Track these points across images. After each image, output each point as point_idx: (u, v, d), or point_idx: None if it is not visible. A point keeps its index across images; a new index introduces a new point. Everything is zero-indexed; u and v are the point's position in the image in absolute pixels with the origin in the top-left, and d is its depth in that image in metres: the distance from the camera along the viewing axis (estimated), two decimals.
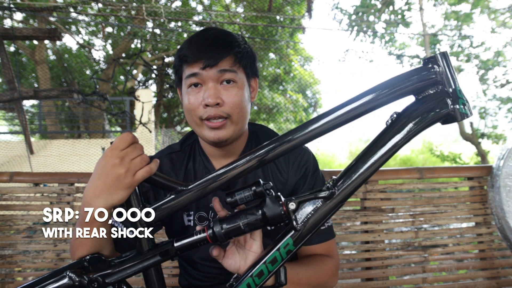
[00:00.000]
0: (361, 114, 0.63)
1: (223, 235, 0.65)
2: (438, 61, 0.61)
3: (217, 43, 0.83)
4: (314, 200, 0.65)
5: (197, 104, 0.83)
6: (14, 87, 4.25)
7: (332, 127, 0.64)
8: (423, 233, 1.50)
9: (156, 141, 9.12)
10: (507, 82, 7.84)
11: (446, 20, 8.42)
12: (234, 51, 0.83)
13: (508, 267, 1.52)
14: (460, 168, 1.69)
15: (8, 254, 1.38)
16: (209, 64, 0.81)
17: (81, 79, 10.74)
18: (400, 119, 0.62)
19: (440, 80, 0.61)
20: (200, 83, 0.83)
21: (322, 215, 0.64)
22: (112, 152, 0.64)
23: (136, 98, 4.48)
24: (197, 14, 10.20)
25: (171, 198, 0.67)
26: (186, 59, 0.83)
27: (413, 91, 0.62)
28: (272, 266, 0.65)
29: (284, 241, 0.65)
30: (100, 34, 10.22)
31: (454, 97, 0.61)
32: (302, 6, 8.31)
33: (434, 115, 0.61)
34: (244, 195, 0.65)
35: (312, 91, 11.11)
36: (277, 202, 0.65)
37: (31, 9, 5.89)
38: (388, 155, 0.62)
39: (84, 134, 9.59)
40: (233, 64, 0.83)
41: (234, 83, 0.84)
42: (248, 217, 0.65)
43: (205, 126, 0.84)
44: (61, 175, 1.43)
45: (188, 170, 0.95)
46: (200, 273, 0.97)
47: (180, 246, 0.67)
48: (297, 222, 0.64)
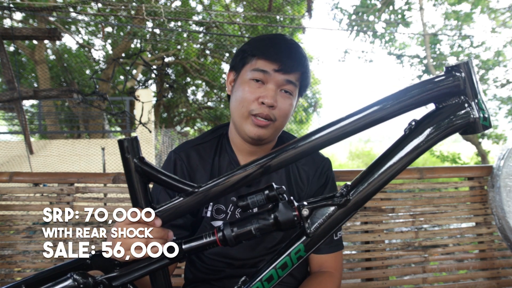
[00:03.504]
0: (381, 120, 0.61)
1: (233, 239, 0.64)
2: (462, 70, 0.59)
3: (295, 54, 0.87)
4: (328, 206, 0.64)
5: (253, 98, 0.86)
6: (14, 87, 4.24)
7: (350, 133, 0.62)
8: (423, 233, 1.50)
9: (156, 141, 9.12)
10: (507, 82, 7.84)
11: (446, 19, 8.42)
12: (304, 69, 0.88)
13: (508, 267, 1.51)
14: (460, 168, 1.69)
15: (7, 254, 1.37)
16: (282, 69, 0.84)
17: (81, 79, 10.73)
18: (419, 128, 0.61)
19: (463, 89, 0.59)
20: (263, 80, 0.86)
21: (335, 222, 0.64)
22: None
23: (136, 98, 4.48)
24: (197, 14, 10.19)
25: (179, 200, 0.65)
26: (265, 53, 0.85)
27: (434, 99, 0.61)
28: (282, 272, 0.64)
29: (296, 247, 0.64)
30: (99, 34, 10.22)
31: (476, 108, 0.59)
32: (302, 6, 8.31)
33: (454, 125, 0.60)
34: (257, 199, 0.64)
35: (312, 91, 11.11)
36: (290, 207, 0.64)
37: (31, 9, 5.89)
38: (404, 164, 0.61)
39: (84, 134, 9.59)
40: (298, 79, 0.88)
41: (290, 95, 0.88)
42: (259, 222, 0.64)
43: (250, 120, 0.86)
44: (61, 175, 1.43)
45: (215, 164, 0.97)
46: (206, 266, 0.97)
47: (189, 249, 0.66)
48: (310, 228, 0.63)
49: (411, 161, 0.61)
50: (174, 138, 9.96)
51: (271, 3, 7.26)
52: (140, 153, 0.66)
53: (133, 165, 0.65)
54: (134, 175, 0.65)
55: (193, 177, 0.95)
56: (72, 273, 0.66)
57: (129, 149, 0.65)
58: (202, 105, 11.34)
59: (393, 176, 0.62)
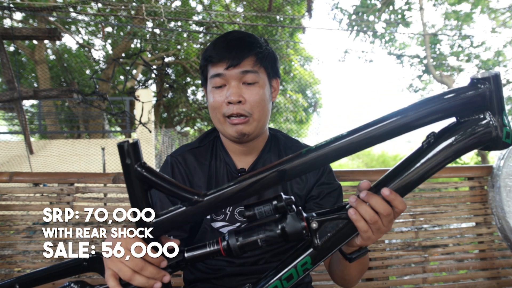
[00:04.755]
0: (399, 133, 0.57)
1: (238, 249, 0.62)
2: (488, 83, 0.55)
3: (239, 43, 0.87)
4: (337, 220, 0.62)
5: (221, 102, 0.88)
6: (14, 87, 4.24)
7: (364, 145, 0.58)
8: (423, 233, 1.50)
9: (156, 141, 9.12)
10: (507, 82, 7.84)
11: (446, 19, 8.42)
12: (255, 52, 0.88)
13: (508, 267, 1.51)
14: (460, 168, 1.69)
15: (7, 254, 1.37)
16: (232, 64, 0.85)
17: (81, 79, 10.73)
18: (438, 142, 0.57)
19: (488, 104, 0.55)
20: (224, 82, 0.88)
21: (344, 236, 0.62)
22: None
23: (136, 98, 4.47)
24: (197, 14, 10.19)
25: (182, 209, 0.62)
26: (211, 59, 0.88)
27: (457, 112, 0.56)
28: (287, 283, 0.63)
29: (302, 259, 0.62)
30: (99, 34, 10.22)
31: (499, 125, 0.56)
32: (302, 6, 8.30)
33: (475, 142, 0.56)
34: (264, 209, 0.61)
35: (312, 91, 11.11)
36: (299, 219, 0.62)
37: (31, 9, 5.89)
38: (419, 180, 0.58)
39: (84, 134, 9.59)
40: (255, 64, 0.88)
41: (256, 83, 0.88)
42: (266, 233, 0.62)
43: (228, 123, 0.88)
44: (61, 175, 1.43)
45: (212, 166, 0.98)
46: (206, 265, 0.97)
47: (191, 257, 0.64)
48: (318, 241, 0.61)
49: (426, 178, 0.58)
50: (174, 138, 9.96)
51: (271, 3, 7.26)
52: (141, 158, 0.61)
53: (134, 171, 0.60)
54: (135, 182, 0.61)
55: (192, 180, 0.96)
56: (70, 282, 0.65)
57: (130, 154, 0.60)
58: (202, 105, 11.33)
59: (404, 193, 0.59)
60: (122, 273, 0.62)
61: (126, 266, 0.62)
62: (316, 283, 1.39)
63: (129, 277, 0.62)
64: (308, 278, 1.03)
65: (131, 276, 0.62)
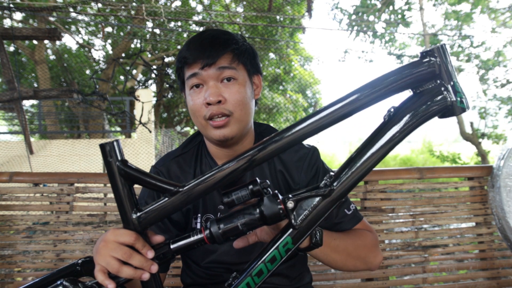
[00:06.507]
0: (358, 109, 0.61)
1: (221, 236, 0.64)
2: (436, 55, 0.59)
3: (214, 41, 0.84)
4: (313, 197, 0.64)
5: (200, 104, 0.84)
6: (14, 87, 4.24)
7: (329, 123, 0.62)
8: (423, 233, 1.50)
9: (156, 141, 9.12)
10: (507, 82, 7.84)
11: (446, 19, 8.42)
12: (231, 48, 0.84)
13: (508, 267, 1.51)
14: (460, 168, 1.69)
15: (7, 254, 1.37)
16: (207, 63, 0.82)
17: (81, 79, 10.73)
18: (398, 114, 0.61)
19: (438, 73, 0.59)
20: (201, 83, 0.84)
21: (321, 213, 0.64)
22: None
23: (136, 98, 4.48)
24: (197, 14, 10.19)
25: (164, 201, 0.65)
26: (185, 60, 0.84)
27: (411, 85, 0.61)
28: (272, 265, 0.64)
29: (283, 240, 0.64)
30: (100, 34, 10.22)
31: (452, 91, 0.60)
32: (302, 6, 8.31)
33: (432, 109, 0.60)
34: (241, 194, 0.64)
35: (312, 91, 11.12)
36: (275, 200, 0.64)
37: (31, 9, 5.89)
38: (386, 150, 0.61)
39: (84, 134, 9.59)
40: (232, 61, 0.84)
41: (234, 80, 0.84)
42: (245, 217, 0.64)
43: (210, 126, 0.84)
44: (61, 175, 1.43)
45: (197, 173, 0.95)
46: (204, 271, 0.97)
47: (177, 248, 0.66)
48: (296, 220, 0.63)
49: (392, 148, 0.61)
50: (174, 138, 9.96)
51: (271, 3, 7.26)
52: (122, 156, 0.65)
53: (116, 168, 0.64)
54: (118, 178, 0.64)
55: None
56: (62, 280, 0.66)
57: (111, 153, 0.64)
58: None
59: (375, 164, 0.62)
60: (110, 266, 0.63)
61: (113, 258, 0.63)
62: (316, 283, 1.39)
63: (117, 269, 0.63)
64: (308, 278, 1.02)
65: (118, 268, 0.63)
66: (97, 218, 1.38)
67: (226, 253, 0.94)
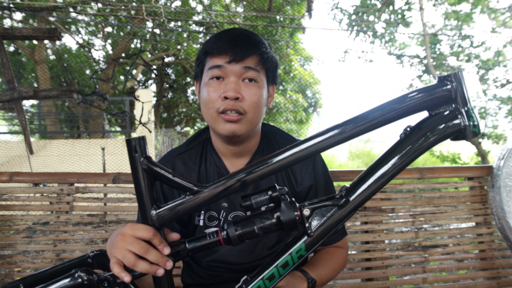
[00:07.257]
0: (376, 127, 0.64)
1: (237, 238, 0.66)
2: (453, 80, 0.63)
3: (247, 40, 0.84)
4: (328, 207, 0.66)
5: (216, 96, 0.83)
6: (14, 87, 4.24)
7: (346, 138, 0.64)
8: (423, 233, 1.50)
9: (156, 141, 9.12)
10: (507, 82, 7.84)
11: (446, 19, 8.42)
12: (260, 51, 0.85)
13: (508, 267, 1.51)
14: (460, 168, 1.69)
15: (7, 254, 1.37)
16: (235, 59, 0.82)
17: (81, 79, 10.74)
18: (414, 133, 0.64)
19: (454, 98, 0.63)
20: (222, 76, 0.84)
21: (335, 222, 0.65)
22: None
23: (136, 98, 4.47)
24: (197, 14, 10.19)
25: (185, 199, 0.66)
26: (212, 51, 0.84)
27: (428, 107, 0.64)
28: (284, 270, 0.66)
29: (297, 246, 0.66)
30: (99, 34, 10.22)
31: (466, 116, 0.62)
32: (302, 6, 8.31)
33: (446, 131, 0.63)
34: (260, 199, 0.65)
35: (312, 91, 11.11)
36: (292, 207, 0.65)
37: (31, 9, 5.89)
38: (401, 167, 0.64)
39: (84, 134, 9.59)
40: (257, 64, 0.85)
41: (255, 82, 0.85)
42: (263, 221, 0.65)
43: (221, 119, 0.84)
44: (61, 175, 1.43)
45: (201, 170, 0.96)
46: (205, 271, 0.97)
47: (192, 248, 0.68)
48: (311, 228, 0.65)
49: (407, 164, 0.64)
50: (174, 138, 9.96)
51: (271, 3, 7.26)
52: (147, 152, 0.67)
53: (140, 163, 0.65)
54: (140, 174, 0.66)
55: None
56: (76, 269, 0.67)
57: (136, 148, 0.66)
58: None
59: (390, 178, 0.65)
60: (126, 259, 0.63)
61: (130, 252, 0.63)
62: None
63: (133, 263, 0.63)
64: None
65: (135, 262, 0.63)
66: (97, 218, 1.38)
67: (227, 253, 0.94)
